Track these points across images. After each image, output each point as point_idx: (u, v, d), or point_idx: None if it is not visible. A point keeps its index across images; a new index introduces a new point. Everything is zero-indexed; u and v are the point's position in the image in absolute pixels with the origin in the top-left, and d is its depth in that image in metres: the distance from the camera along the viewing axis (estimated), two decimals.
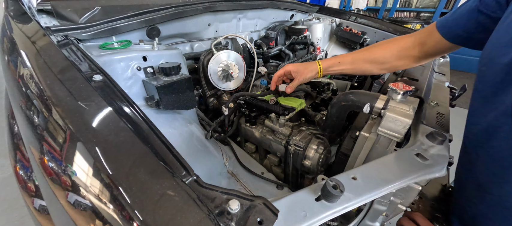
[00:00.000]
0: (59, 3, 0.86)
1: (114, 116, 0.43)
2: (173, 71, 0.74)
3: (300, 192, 0.41)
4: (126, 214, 0.32)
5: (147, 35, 0.90)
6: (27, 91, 0.54)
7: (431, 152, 0.51)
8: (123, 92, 0.51)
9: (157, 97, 0.72)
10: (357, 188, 0.41)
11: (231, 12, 1.19)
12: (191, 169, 0.38)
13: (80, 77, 0.51)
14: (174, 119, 0.82)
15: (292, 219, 0.36)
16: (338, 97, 0.73)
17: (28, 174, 0.56)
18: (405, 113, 0.57)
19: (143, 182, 0.34)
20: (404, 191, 0.54)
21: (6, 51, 0.73)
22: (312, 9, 1.70)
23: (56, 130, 0.43)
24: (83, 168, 0.37)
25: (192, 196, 0.34)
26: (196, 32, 1.10)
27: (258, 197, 0.37)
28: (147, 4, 1.00)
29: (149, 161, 0.37)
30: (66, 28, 0.74)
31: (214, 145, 0.81)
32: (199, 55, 0.99)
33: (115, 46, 0.76)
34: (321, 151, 0.73)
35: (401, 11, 4.93)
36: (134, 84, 0.75)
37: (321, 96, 1.01)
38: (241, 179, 0.72)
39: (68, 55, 0.59)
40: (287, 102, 0.83)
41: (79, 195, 0.37)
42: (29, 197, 0.56)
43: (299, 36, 1.42)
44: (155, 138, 0.42)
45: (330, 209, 0.38)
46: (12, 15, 0.83)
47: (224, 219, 0.32)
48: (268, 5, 1.34)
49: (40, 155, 0.45)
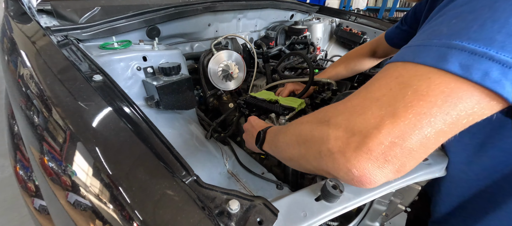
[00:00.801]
0: (59, 3, 0.86)
1: (114, 116, 0.43)
2: (173, 71, 0.74)
3: (300, 192, 0.41)
4: (126, 214, 0.32)
5: (147, 35, 0.90)
6: (27, 91, 0.54)
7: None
8: (123, 92, 0.51)
9: (157, 97, 0.72)
10: (356, 188, 0.41)
11: (231, 12, 1.19)
12: (191, 169, 0.38)
13: (80, 77, 0.51)
14: (174, 119, 0.82)
15: (292, 219, 0.36)
16: (338, 97, 0.73)
17: (28, 174, 0.56)
18: None
19: (143, 182, 0.34)
20: (403, 191, 0.54)
21: (6, 51, 0.73)
22: (312, 9, 1.70)
23: (56, 130, 0.43)
24: (83, 168, 0.37)
25: (192, 196, 0.34)
26: (196, 32, 1.10)
27: (258, 197, 0.37)
28: (147, 4, 1.00)
29: (149, 161, 0.37)
30: (66, 28, 0.74)
31: (214, 145, 0.81)
32: (199, 55, 0.99)
33: (115, 46, 0.76)
34: None
35: (401, 11, 4.93)
36: (134, 84, 0.75)
37: (321, 96, 1.01)
38: (241, 179, 0.72)
39: (68, 55, 0.59)
40: (287, 102, 0.83)
41: (79, 195, 0.37)
42: (29, 197, 0.56)
43: (299, 36, 1.42)
44: (155, 138, 0.42)
45: (330, 209, 0.38)
46: (12, 15, 0.83)
47: (224, 219, 0.32)
48: (268, 5, 1.34)
49: (40, 155, 0.45)
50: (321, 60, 1.51)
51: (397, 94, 0.29)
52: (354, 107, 0.33)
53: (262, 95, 0.90)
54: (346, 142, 0.31)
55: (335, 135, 0.32)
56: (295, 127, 0.42)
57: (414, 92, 0.28)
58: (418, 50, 0.30)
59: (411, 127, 0.27)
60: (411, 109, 0.27)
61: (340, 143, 0.31)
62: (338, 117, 0.34)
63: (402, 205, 0.57)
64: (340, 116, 0.33)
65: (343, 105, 0.35)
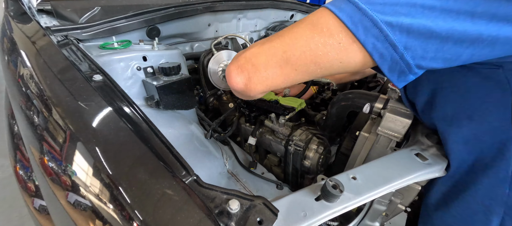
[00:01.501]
0: (59, 3, 0.86)
1: (114, 116, 0.43)
2: (173, 71, 0.74)
3: (300, 192, 0.41)
4: (126, 214, 0.32)
5: (147, 35, 0.90)
6: (27, 91, 0.54)
7: (431, 152, 0.51)
8: (123, 92, 0.51)
9: (157, 97, 0.72)
10: (357, 188, 0.41)
11: (231, 12, 1.19)
12: (191, 169, 0.38)
13: (80, 77, 0.51)
14: (174, 119, 0.82)
15: (292, 219, 0.36)
16: (338, 97, 0.73)
17: (28, 174, 0.56)
18: (404, 113, 0.58)
19: (143, 182, 0.34)
20: (403, 190, 0.55)
21: (6, 51, 0.73)
22: (312, 9, 1.69)
23: (56, 130, 0.43)
24: (83, 168, 0.37)
25: (192, 196, 0.34)
26: (196, 32, 1.10)
27: (258, 197, 0.37)
28: (147, 4, 1.00)
29: (149, 161, 0.37)
30: (66, 28, 0.74)
31: (214, 145, 0.81)
32: (199, 55, 0.99)
33: (115, 46, 0.76)
34: (321, 151, 0.73)
35: None
36: (134, 84, 0.75)
37: (321, 96, 1.01)
38: (241, 179, 0.72)
39: (68, 55, 0.59)
40: (287, 102, 0.83)
41: (79, 195, 0.37)
42: (29, 197, 0.56)
43: None
44: (155, 138, 0.42)
45: (330, 209, 0.38)
46: (12, 15, 0.83)
47: (224, 219, 0.32)
48: (268, 5, 1.34)
49: (40, 155, 0.45)
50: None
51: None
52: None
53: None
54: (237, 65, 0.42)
55: (234, 63, 0.43)
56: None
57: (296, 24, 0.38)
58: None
59: (264, 49, 0.38)
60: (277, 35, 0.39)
61: (235, 66, 0.42)
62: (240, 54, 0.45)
63: (402, 205, 0.57)
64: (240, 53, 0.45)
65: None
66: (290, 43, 0.36)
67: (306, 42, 0.35)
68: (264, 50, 0.39)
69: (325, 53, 0.34)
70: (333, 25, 0.33)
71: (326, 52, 0.34)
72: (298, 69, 0.37)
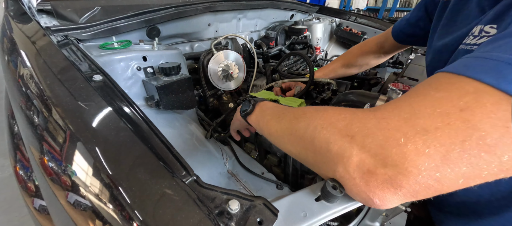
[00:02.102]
0: (59, 3, 0.86)
1: (114, 116, 0.43)
2: (173, 71, 0.74)
3: (300, 192, 0.41)
4: (126, 214, 0.32)
5: (147, 35, 0.90)
6: (27, 91, 0.54)
7: None
8: (123, 92, 0.51)
9: (157, 97, 0.72)
10: None
11: (231, 12, 1.19)
12: (191, 169, 0.38)
13: (80, 77, 0.51)
14: (174, 119, 0.82)
15: (292, 219, 0.36)
16: (338, 97, 0.73)
17: (28, 174, 0.56)
18: None
19: (143, 182, 0.34)
20: None
21: (6, 51, 0.73)
22: (312, 9, 1.70)
23: (56, 130, 0.43)
24: (83, 168, 0.37)
25: (192, 196, 0.34)
26: (196, 32, 1.10)
27: (258, 197, 0.37)
28: (147, 4, 1.00)
29: (149, 161, 0.37)
30: (66, 28, 0.74)
31: (214, 145, 0.81)
32: (199, 55, 0.99)
33: (115, 46, 0.76)
34: None
35: (401, 11, 4.93)
36: (134, 84, 0.75)
37: (321, 96, 1.01)
38: (241, 179, 0.72)
39: (68, 55, 0.59)
40: (287, 102, 0.83)
41: (79, 195, 0.37)
42: (29, 197, 0.56)
43: (299, 36, 1.42)
44: (155, 138, 0.42)
45: (330, 209, 0.38)
46: (12, 15, 0.83)
47: (224, 219, 0.32)
48: (268, 5, 1.34)
49: (40, 155, 0.45)
50: (321, 60, 1.51)
51: (457, 129, 0.23)
52: (390, 131, 0.26)
53: (262, 95, 0.89)
54: (373, 171, 0.26)
55: (359, 158, 0.27)
56: (298, 123, 0.36)
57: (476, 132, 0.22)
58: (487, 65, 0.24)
59: (454, 174, 0.23)
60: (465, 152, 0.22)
61: (365, 170, 0.26)
62: (367, 139, 0.27)
63: (402, 205, 0.57)
64: (370, 138, 0.27)
65: (376, 123, 0.27)
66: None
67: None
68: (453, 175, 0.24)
69: None
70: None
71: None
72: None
